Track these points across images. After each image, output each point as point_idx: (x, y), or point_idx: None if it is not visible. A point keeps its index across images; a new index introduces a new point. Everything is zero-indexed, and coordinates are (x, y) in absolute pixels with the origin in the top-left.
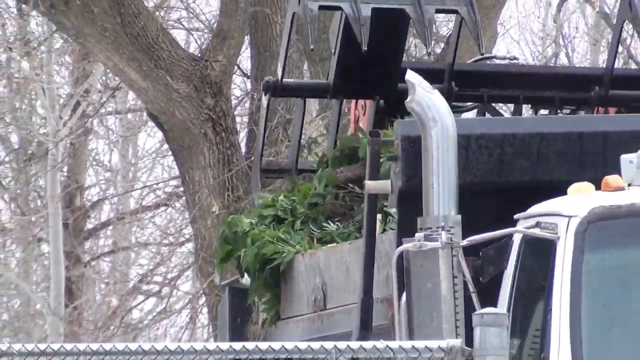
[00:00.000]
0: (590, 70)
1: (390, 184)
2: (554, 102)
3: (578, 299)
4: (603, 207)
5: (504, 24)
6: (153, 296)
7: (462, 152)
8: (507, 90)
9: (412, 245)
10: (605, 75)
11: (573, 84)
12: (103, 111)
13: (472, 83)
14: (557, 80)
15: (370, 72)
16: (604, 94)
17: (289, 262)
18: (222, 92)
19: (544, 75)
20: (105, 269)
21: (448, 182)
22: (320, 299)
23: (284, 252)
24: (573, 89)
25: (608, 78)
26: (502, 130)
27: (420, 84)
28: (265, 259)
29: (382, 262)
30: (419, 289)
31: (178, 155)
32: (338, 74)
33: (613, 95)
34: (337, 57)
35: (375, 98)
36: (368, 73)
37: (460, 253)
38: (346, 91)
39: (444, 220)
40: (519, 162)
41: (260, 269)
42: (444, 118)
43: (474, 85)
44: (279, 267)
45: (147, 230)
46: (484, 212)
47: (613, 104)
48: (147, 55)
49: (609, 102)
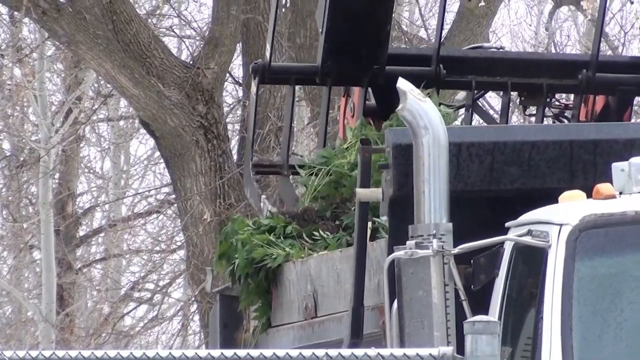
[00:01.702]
0: (577, 57)
1: (381, 191)
2: (542, 89)
3: (569, 307)
4: (595, 215)
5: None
6: (145, 303)
7: (453, 160)
8: (495, 77)
9: (403, 253)
10: (592, 61)
11: (561, 70)
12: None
13: (460, 69)
14: (545, 66)
15: (359, 49)
16: (591, 77)
17: (280, 269)
18: (213, 99)
19: (531, 62)
20: (97, 276)
21: (439, 190)
22: (312, 307)
23: (273, 255)
24: (561, 76)
25: (594, 63)
26: (493, 138)
27: (411, 92)
28: (255, 264)
29: (373, 270)
30: (410, 297)
31: (170, 162)
32: (327, 51)
33: (600, 78)
34: (325, 34)
35: (364, 83)
36: (357, 50)
37: (451, 261)
38: (336, 74)
39: (436, 228)
40: (510, 170)
41: (251, 275)
42: (436, 126)
43: (461, 72)
44: (269, 272)
45: (139, 238)
46: (475, 220)
47: (600, 88)
48: (139, 62)
49: (596, 87)
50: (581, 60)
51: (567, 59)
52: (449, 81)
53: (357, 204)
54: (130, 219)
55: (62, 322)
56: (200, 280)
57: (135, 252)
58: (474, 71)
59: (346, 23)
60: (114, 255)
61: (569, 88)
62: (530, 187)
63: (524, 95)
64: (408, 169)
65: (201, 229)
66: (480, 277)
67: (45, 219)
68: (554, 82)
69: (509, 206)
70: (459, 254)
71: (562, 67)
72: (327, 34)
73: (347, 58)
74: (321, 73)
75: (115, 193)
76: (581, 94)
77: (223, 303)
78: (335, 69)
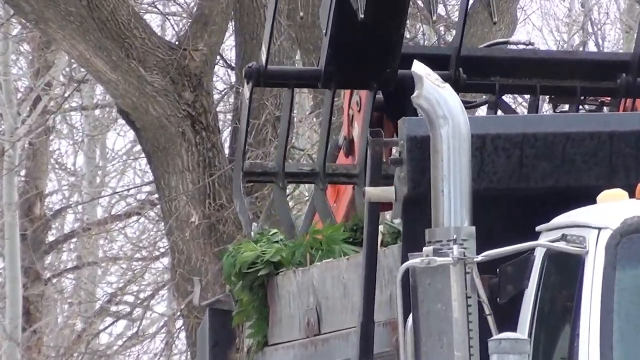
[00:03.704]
0: (616, 56)
1: (394, 190)
2: (575, 92)
3: (609, 322)
4: (638, 217)
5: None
6: (123, 318)
7: (476, 154)
8: (522, 79)
9: (419, 261)
10: (633, 62)
11: (597, 72)
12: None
13: (482, 70)
14: (579, 67)
15: (368, 54)
16: (632, 81)
17: (278, 279)
18: (202, 85)
19: (563, 62)
20: (69, 287)
21: (460, 189)
22: (314, 322)
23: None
24: (597, 78)
25: (636, 65)
26: (522, 129)
27: (428, 77)
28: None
29: (384, 280)
30: (427, 311)
31: (152, 157)
32: (330, 57)
33: None
34: (330, 37)
35: (373, 87)
36: (365, 55)
37: (474, 270)
38: (340, 78)
39: (456, 232)
40: (541, 166)
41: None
42: (456, 116)
43: (484, 73)
44: (264, 278)
45: (117, 243)
46: (502, 223)
47: None
48: (117, 43)
49: (638, 92)
50: (620, 61)
51: (604, 59)
52: (469, 84)
53: (366, 205)
54: (107, 222)
55: (29, 340)
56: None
57: (112, 259)
58: (498, 72)
59: (354, 28)
60: (88, 264)
61: (606, 91)
62: (565, 185)
63: (554, 101)
64: (424, 164)
65: (188, 233)
66: (508, 289)
67: (10, 221)
68: (589, 84)
69: (540, 207)
70: (482, 261)
71: (598, 69)
72: (332, 39)
73: (354, 63)
74: (324, 78)
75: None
76: (620, 97)
77: (213, 318)
78: (340, 74)
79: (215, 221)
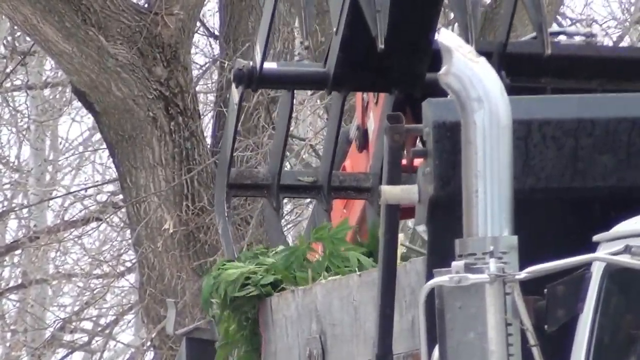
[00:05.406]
0: None
1: (417, 190)
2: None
3: None
4: None
5: None
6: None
7: (520, 145)
8: (580, 81)
9: (448, 279)
10: None
11: None
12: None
13: (530, 71)
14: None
15: (388, 60)
16: None
17: (272, 301)
18: (178, 58)
19: (632, 60)
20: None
21: (499, 189)
22: (318, 355)
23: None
24: None
25: None
26: (577, 113)
27: (459, 49)
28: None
29: (405, 303)
30: (457, 341)
31: (116, 148)
32: (341, 60)
33: None
34: (341, 37)
35: (393, 92)
36: (384, 61)
37: (516, 290)
38: (352, 82)
39: (494, 243)
40: (600, 160)
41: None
42: (494, 97)
43: (532, 74)
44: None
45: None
46: (551, 232)
47: None
48: (71, 6)
49: None
50: None
51: None
52: (515, 87)
53: (382, 208)
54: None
55: None
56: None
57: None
58: (550, 72)
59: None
60: (36, 282)
61: None
62: (630, 185)
63: None
64: (455, 157)
65: (160, 243)
66: (558, 314)
67: None
68: None
69: (599, 212)
70: (526, 279)
71: None
72: (345, 41)
73: (371, 67)
74: (332, 83)
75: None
76: None
77: (191, 350)
78: (353, 81)
79: (195, 228)
